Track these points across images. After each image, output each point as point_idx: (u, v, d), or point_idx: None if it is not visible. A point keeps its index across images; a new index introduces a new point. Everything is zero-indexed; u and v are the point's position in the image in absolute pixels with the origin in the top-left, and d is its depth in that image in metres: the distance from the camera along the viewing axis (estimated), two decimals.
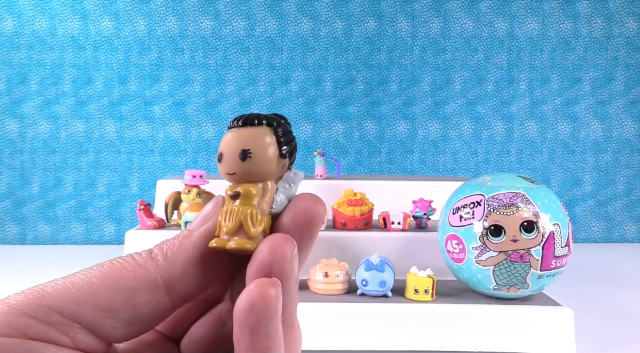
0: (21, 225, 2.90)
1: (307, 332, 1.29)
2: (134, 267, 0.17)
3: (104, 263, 0.17)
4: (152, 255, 0.18)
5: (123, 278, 0.16)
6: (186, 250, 0.18)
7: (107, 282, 0.16)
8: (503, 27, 2.99)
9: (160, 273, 0.17)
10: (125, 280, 0.16)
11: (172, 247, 0.18)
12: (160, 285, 0.17)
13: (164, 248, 0.18)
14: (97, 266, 0.17)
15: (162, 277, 0.17)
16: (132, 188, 2.95)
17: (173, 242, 0.18)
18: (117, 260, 0.17)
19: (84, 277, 0.16)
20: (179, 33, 2.94)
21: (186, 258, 0.18)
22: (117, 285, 0.16)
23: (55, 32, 2.89)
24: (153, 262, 0.17)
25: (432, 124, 3.01)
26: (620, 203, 3.02)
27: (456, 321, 1.28)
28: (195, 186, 1.59)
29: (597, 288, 1.99)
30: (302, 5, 2.95)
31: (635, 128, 3.01)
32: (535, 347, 1.27)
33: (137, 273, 0.17)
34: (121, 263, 0.17)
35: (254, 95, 2.97)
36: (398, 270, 1.42)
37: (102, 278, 0.16)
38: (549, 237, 1.20)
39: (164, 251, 0.18)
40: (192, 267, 0.18)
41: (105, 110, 2.93)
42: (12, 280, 2.08)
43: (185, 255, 0.18)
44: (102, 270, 0.17)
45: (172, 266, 0.17)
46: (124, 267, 0.17)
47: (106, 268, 0.17)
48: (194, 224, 0.19)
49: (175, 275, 0.17)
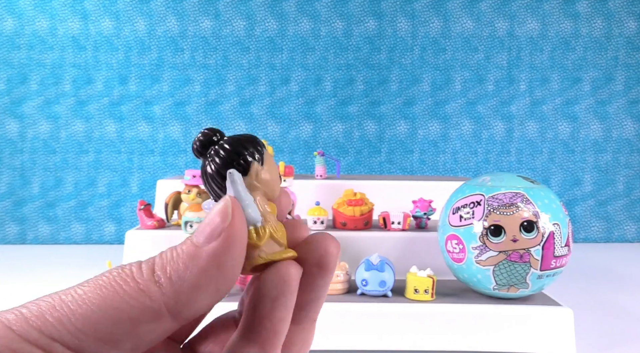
0: (21, 225, 2.91)
1: None
2: (136, 294, 0.16)
3: (102, 284, 0.16)
4: (155, 278, 0.16)
5: (124, 307, 0.15)
6: (192, 275, 0.16)
7: (108, 312, 0.15)
8: (503, 27, 2.99)
9: (164, 301, 0.16)
10: (127, 309, 0.15)
11: (176, 269, 0.16)
12: (164, 313, 0.16)
13: (167, 270, 0.16)
14: (95, 287, 0.16)
15: (167, 306, 0.16)
16: (132, 188, 2.95)
17: (177, 263, 0.16)
18: (116, 281, 0.16)
19: (83, 304, 0.15)
20: (179, 33, 2.94)
21: (193, 284, 0.16)
22: (118, 315, 0.15)
23: (56, 32, 2.89)
24: (156, 288, 0.16)
25: (432, 124, 3.01)
26: (620, 203, 3.02)
27: (456, 321, 1.28)
28: (196, 186, 1.59)
29: (597, 288, 1.99)
30: (302, 5, 2.95)
31: (635, 128, 3.01)
32: (535, 347, 1.27)
33: (139, 302, 0.15)
34: (121, 286, 0.16)
35: (254, 95, 2.97)
36: (398, 270, 1.42)
37: (104, 308, 0.15)
38: (549, 237, 1.20)
39: (168, 274, 0.16)
40: (200, 293, 0.16)
41: (105, 110, 2.93)
42: (12, 280, 2.08)
43: (192, 281, 0.16)
44: (101, 295, 0.15)
45: (177, 293, 0.16)
46: (125, 293, 0.15)
47: (105, 292, 0.15)
48: (200, 237, 0.17)
49: (181, 302, 0.16)
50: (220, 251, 0.16)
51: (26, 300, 0.17)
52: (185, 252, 0.16)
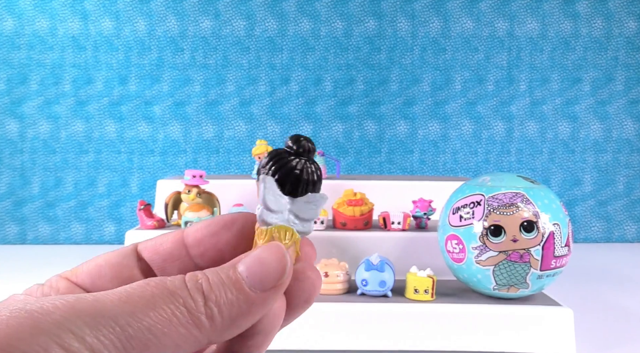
0: (21, 225, 2.91)
1: (307, 332, 1.29)
2: (187, 323, 0.16)
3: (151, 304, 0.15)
4: (207, 312, 0.16)
5: (173, 335, 0.15)
6: (244, 319, 0.17)
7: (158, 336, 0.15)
8: (503, 27, 2.99)
9: (209, 336, 0.16)
10: (175, 337, 0.15)
11: (230, 309, 0.16)
12: (204, 343, 0.16)
13: (221, 303, 0.16)
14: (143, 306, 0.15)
15: (209, 339, 0.16)
16: (132, 188, 2.95)
17: (231, 303, 0.16)
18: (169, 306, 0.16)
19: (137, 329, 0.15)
20: (179, 33, 2.94)
21: (240, 326, 0.17)
22: (166, 341, 0.15)
23: (56, 32, 2.89)
24: (207, 322, 0.16)
25: (432, 124, 3.01)
26: (620, 203, 3.02)
27: (456, 321, 1.28)
28: (196, 186, 1.59)
29: (597, 288, 1.99)
30: (302, 5, 2.95)
31: (635, 128, 3.01)
32: (535, 347, 1.27)
33: (189, 332, 0.16)
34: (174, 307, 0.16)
35: (254, 95, 2.97)
36: (398, 270, 1.42)
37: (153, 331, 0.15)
38: (549, 237, 1.20)
39: (223, 312, 0.16)
40: (240, 330, 0.17)
41: (105, 110, 2.93)
42: (12, 280, 2.08)
43: (241, 324, 0.17)
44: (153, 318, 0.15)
45: (223, 331, 0.16)
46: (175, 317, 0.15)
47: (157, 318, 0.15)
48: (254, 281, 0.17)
49: (222, 337, 0.17)
50: (271, 301, 0.17)
51: None
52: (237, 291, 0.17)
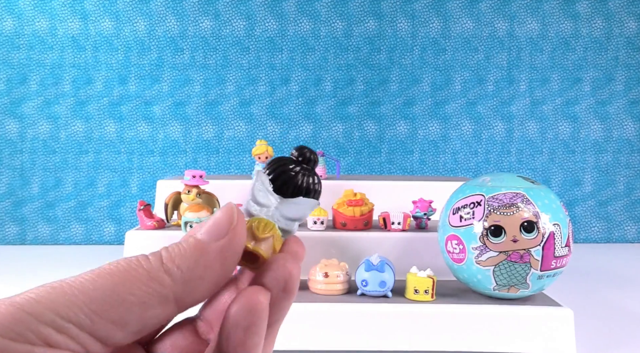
0: (21, 226, 2.90)
1: (307, 332, 1.29)
2: (148, 281, 0.17)
3: (111, 271, 0.17)
4: (164, 269, 0.18)
5: (136, 292, 0.17)
6: (199, 266, 0.18)
7: (122, 296, 0.16)
8: (503, 27, 2.99)
9: (173, 289, 0.17)
10: (139, 294, 0.17)
11: (187, 262, 0.18)
12: (171, 300, 0.18)
13: (176, 261, 0.18)
14: (105, 274, 0.17)
15: (175, 293, 0.18)
16: (132, 189, 2.95)
17: (187, 256, 0.18)
18: (126, 269, 0.17)
19: (95, 289, 0.16)
20: (179, 33, 2.93)
21: (199, 275, 0.18)
22: (130, 300, 0.17)
23: (55, 33, 2.89)
24: (167, 277, 0.17)
25: (432, 124, 3.01)
26: (620, 203, 3.02)
27: (456, 321, 1.28)
28: (195, 186, 1.59)
29: (597, 289, 1.99)
30: (302, 5, 2.95)
31: (635, 128, 3.01)
32: (536, 348, 1.27)
33: (151, 288, 0.17)
34: (134, 274, 0.17)
35: (254, 95, 2.97)
36: (398, 270, 1.42)
37: (116, 291, 0.16)
38: (549, 237, 1.20)
39: (178, 265, 0.18)
40: (204, 284, 0.18)
41: (105, 110, 2.93)
42: (12, 280, 2.08)
43: (199, 273, 0.18)
44: (113, 281, 0.17)
45: (185, 283, 0.18)
46: (138, 280, 0.17)
47: (116, 278, 0.17)
48: (205, 234, 0.19)
49: (187, 291, 0.18)
50: (225, 248, 0.19)
51: None
52: (192, 246, 0.18)
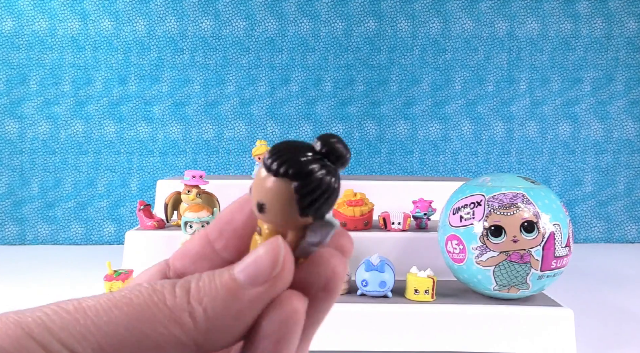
0: (21, 226, 2.90)
1: None
2: (168, 323, 0.15)
3: (138, 298, 0.15)
4: (189, 309, 0.15)
5: (153, 334, 0.15)
6: (228, 317, 0.15)
7: (135, 335, 0.14)
8: (503, 28, 2.99)
9: (194, 337, 0.15)
10: (155, 337, 0.15)
11: (214, 305, 0.15)
12: (190, 346, 0.15)
13: (204, 302, 0.15)
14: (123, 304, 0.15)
15: (196, 341, 0.15)
16: (132, 189, 2.95)
17: (216, 298, 0.15)
18: (147, 303, 0.15)
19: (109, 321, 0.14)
20: (179, 33, 2.93)
21: (227, 325, 0.15)
22: (145, 341, 0.14)
23: (55, 33, 2.88)
24: (189, 320, 0.15)
25: (432, 124, 3.01)
26: (620, 203, 3.01)
27: (456, 321, 1.28)
28: (195, 186, 1.59)
29: (597, 289, 1.98)
30: (302, 5, 2.95)
31: (635, 128, 3.01)
32: (536, 348, 1.26)
33: (169, 332, 0.15)
34: (151, 312, 0.15)
35: (254, 95, 2.97)
36: (398, 270, 1.42)
37: (130, 328, 0.14)
38: (550, 238, 1.19)
39: (204, 307, 0.15)
40: (230, 333, 0.16)
41: (105, 110, 2.93)
42: (12, 280, 2.08)
43: (227, 322, 0.15)
44: (129, 316, 0.15)
45: (209, 331, 0.15)
46: (156, 319, 0.15)
47: (133, 312, 0.15)
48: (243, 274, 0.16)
49: (209, 340, 0.15)
50: (263, 298, 0.16)
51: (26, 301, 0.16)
52: (225, 287, 0.15)
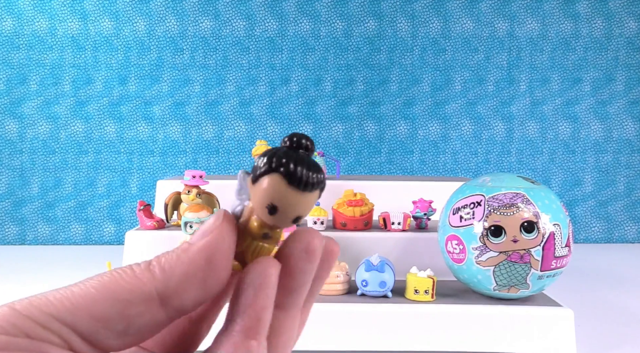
0: (21, 226, 2.90)
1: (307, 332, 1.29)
2: (131, 279, 0.17)
3: (105, 274, 0.18)
4: (150, 267, 0.18)
5: (119, 289, 0.17)
6: (183, 264, 0.18)
7: (104, 293, 0.17)
8: (503, 28, 2.99)
9: (155, 286, 0.17)
10: (121, 291, 0.17)
11: (169, 260, 0.18)
12: (154, 298, 0.17)
13: (162, 260, 0.18)
14: (98, 276, 0.18)
15: (158, 290, 0.17)
16: (132, 189, 2.95)
17: (171, 255, 0.18)
18: (116, 270, 0.18)
19: (83, 287, 0.17)
20: (179, 33, 2.93)
21: (183, 272, 0.18)
22: (113, 296, 0.17)
23: (55, 33, 2.88)
24: (150, 274, 0.18)
25: (432, 124, 3.01)
26: (620, 203, 3.02)
27: (456, 321, 1.28)
28: (195, 186, 1.59)
29: (597, 289, 1.99)
30: (302, 5, 2.95)
31: (635, 128, 3.01)
32: (536, 348, 1.26)
33: (133, 285, 0.17)
34: (119, 274, 0.17)
35: (254, 95, 2.97)
36: (398, 270, 1.42)
37: (100, 289, 0.17)
38: (549, 238, 1.19)
39: (162, 264, 0.18)
40: (189, 281, 0.18)
41: (105, 110, 2.93)
42: (12, 280, 2.08)
43: (182, 269, 0.18)
44: (101, 281, 0.17)
45: (168, 279, 0.18)
46: (121, 278, 0.17)
47: (105, 279, 0.17)
48: (194, 238, 0.19)
49: (171, 288, 0.18)
50: (208, 246, 0.18)
51: None
52: (180, 248, 0.19)
